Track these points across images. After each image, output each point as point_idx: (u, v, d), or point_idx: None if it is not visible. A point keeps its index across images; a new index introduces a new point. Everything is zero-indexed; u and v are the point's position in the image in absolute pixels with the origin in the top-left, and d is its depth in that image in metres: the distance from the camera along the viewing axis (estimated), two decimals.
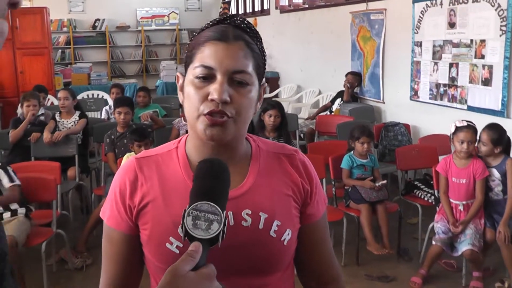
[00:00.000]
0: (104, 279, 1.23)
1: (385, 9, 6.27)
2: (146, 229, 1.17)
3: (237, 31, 1.13)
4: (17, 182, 3.71)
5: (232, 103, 1.08)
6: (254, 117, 1.26)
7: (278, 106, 4.74)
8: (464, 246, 3.65)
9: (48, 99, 7.45)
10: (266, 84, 1.23)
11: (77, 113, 5.41)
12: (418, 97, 5.83)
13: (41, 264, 3.77)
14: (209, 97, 1.08)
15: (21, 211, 3.70)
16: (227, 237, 0.95)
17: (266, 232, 1.15)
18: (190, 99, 1.11)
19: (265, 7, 10.36)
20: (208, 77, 1.09)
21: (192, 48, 1.14)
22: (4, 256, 0.81)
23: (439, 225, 3.81)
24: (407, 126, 5.69)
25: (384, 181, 4.23)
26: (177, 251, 1.12)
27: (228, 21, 1.15)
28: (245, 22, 1.16)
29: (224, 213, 0.94)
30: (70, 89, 5.90)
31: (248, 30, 1.15)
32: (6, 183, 3.68)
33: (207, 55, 1.10)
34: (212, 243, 0.93)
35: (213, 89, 1.07)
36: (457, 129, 3.77)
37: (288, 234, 1.18)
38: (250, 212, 1.15)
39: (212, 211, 0.93)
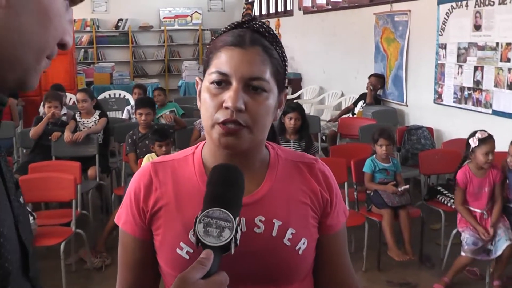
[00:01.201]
0: (119, 285, 1.21)
1: (410, 11, 6.18)
2: (159, 235, 1.15)
3: (255, 36, 1.09)
4: None
5: (248, 111, 1.05)
6: (274, 122, 1.23)
7: (299, 109, 4.70)
8: (503, 244, 3.62)
9: (70, 98, 7.50)
10: (287, 90, 1.20)
11: (97, 112, 5.42)
12: (442, 101, 5.73)
13: (60, 264, 3.77)
14: (224, 105, 1.05)
15: None
16: (239, 243, 0.93)
17: (280, 239, 1.12)
18: (206, 106, 1.09)
19: (288, 8, 10.32)
20: (223, 83, 1.06)
21: (210, 53, 1.12)
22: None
23: (466, 235, 3.73)
24: (430, 130, 5.59)
25: (407, 186, 4.16)
26: (187, 257, 1.09)
27: (247, 25, 1.12)
28: (264, 26, 1.12)
29: (237, 220, 0.92)
30: (87, 89, 5.92)
31: (267, 34, 1.12)
32: None
33: (223, 61, 1.07)
34: (225, 250, 0.91)
35: (228, 97, 1.04)
36: (481, 141, 3.69)
37: (304, 243, 1.14)
38: (263, 218, 1.12)
39: (224, 218, 0.91)
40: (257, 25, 1.12)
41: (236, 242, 0.91)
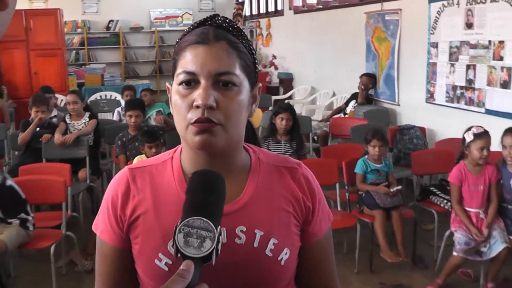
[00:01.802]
0: None
1: (400, 9, 6.17)
2: (137, 243, 1.11)
3: (219, 31, 1.06)
4: None
5: (220, 108, 1.01)
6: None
7: (290, 109, 4.67)
8: (498, 246, 3.59)
9: (62, 100, 7.44)
10: (260, 84, 1.16)
11: (87, 114, 5.37)
12: (434, 100, 5.72)
13: (50, 266, 3.72)
14: (194, 104, 1.01)
15: (15, 221, 3.63)
16: (220, 255, 0.89)
17: (261, 251, 1.08)
18: (177, 108, 1.05)
19: (279, 8, 10.30)
20: (192, 83, 1.03)
21: (175, 55, 1.09)
22: None
23: (459, 235, 3.69)
24: (422, 130, 5.57)
25: (399, 187, 4.14)
26: (166, 268, 1.06)
27: (209, 22, 1.09)
28: (227, 20, 1.09)
29: (218, 229, 0.87)
30: (77, 91, 5.87)
31: (231, 29, 1.08)
32: None
33: (188, 60, 1.03)
34: (205, 260, 0.87)
35: (197, 95, 1.00)
36: (476, 136, 3.67)
37: (286, 254, 1.10)
38: (244, 229, 1.08)
39: (205, 227, 0.87)
40: (220, 21, 1.08)
41: (217, 252, 0.87)
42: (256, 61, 1.12)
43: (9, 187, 3.64)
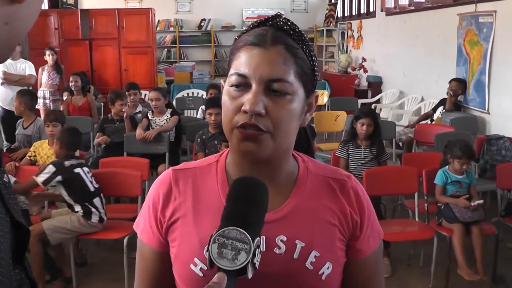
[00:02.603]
0: None
1: (495, 11, 5.81)
2: (174, 247, 1.09)
3: (278, 34, 1.01)
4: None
5: (269, 115, 0.97)
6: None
7: (371, 114, 4.56)
8: None
9: (145, 95, 7.68)
10: (318, 92, 1.10)
11: (169, 111, 5.51)
12: None
13: (123, 257, 3.83)
14: (242, 108, 0.97)
15: (80, 210, 3.78)
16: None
17: (301, 263, 1.03)
18: (225, 110, 1.02)
19: (371, 10, 10.10)
20: (242, 86, 0.99)
21: (231, 54, 1.05)
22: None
23: None
24: None
25: (481, 201, 3.88)
26: (201, 274, 1.02)
27: (270, 22, 1.03)
28: (289, 23, 1.03)
29: (256, 241, 0.82)
30: (160, 88, 6.04)
31: (291, 32, 1.02)
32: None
33: (242, 62, 1.00)
34: (241, 273, 0.82)
35: (247, 100, 0.97)
36: None
37: (328, 268, 1.04)
38: (285, 238, 1.03)
39: (241, 239, 0.82)
40: (281, 22, 1.03)
41: (254, 265, 0.83)
42: (316, 68, 1.07)
43: (76, 174, 3.81)
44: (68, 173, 3.75)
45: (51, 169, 3.71)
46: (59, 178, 3.71)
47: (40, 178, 3.69)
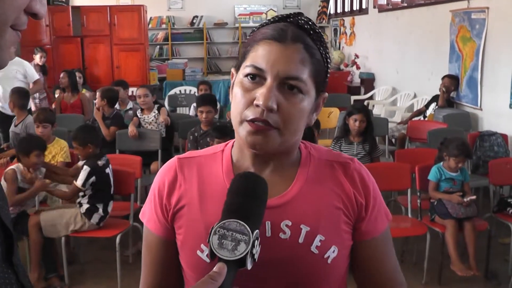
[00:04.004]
0: (143, 285, 1.17)
1: (488, 8, 5.82)
2: (180, 234, 1.10)
3: (298, 32, 1.02)
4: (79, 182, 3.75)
5: (280, 111, 0.98)
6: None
7: (364, 110, 4.57)
8: None
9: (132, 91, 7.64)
10: (326, 94, 1.11)
11: (156, 106, 5.52)
12: None
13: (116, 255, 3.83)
14: (254, 102, 0.98)
15: (86, 206, 3.77)
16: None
17: (307, 247, 1.04)
18: (236, 101, 1.02)
19: (363, 6, 10.12)
20: (257, 78, 1.00)
21: (247, 45, 1.06)
22: None
23: None
24: (505, 137, 5.23)
25: (474, 197, 3.89)
26: (208, 260, 1.02)
27: (291, 19, 1.04)
28: (310, 22, 1.04)
29: (255, 233, 0.86)
30: (148, 86, 6.04)
31: (311, 32, 1.03)
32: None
33: (260, 54, 1.01)
34: (241, 265, 0.85)
35: (260, 94, 0.98)
36: None
37: (334, 252, 1.05)
38: (290, 223, 1.04)
39: (241, 231, 0.86)
40: (302, 21, 1.03)
41: (253, 256, 0.86)
42: (328, 70, 1.08)
43: (106, 175, 3.84)
44: (100, 174, 3.77)
45: (86, 170, 3.71)
46: (93, 179, 3.72)
47: (80, 182, 3.70)
